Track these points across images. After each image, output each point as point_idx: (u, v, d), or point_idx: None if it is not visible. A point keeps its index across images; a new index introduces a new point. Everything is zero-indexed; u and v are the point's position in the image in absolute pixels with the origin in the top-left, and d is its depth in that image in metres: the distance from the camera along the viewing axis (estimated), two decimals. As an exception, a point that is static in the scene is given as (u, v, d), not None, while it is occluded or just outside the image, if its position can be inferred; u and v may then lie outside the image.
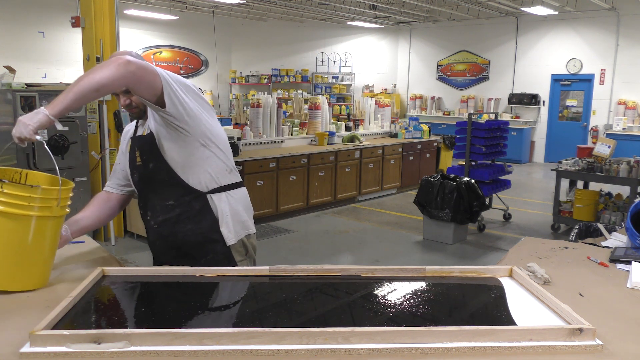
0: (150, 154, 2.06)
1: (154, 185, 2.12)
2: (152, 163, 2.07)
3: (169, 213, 2.11)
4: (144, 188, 2.16)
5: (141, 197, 2.20)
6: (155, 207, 2.14)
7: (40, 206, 1.70)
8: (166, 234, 2.14)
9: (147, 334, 1.38)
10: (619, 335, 1.52)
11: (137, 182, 2.17)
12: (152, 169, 2.07)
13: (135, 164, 2.12)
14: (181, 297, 1.83)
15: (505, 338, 1.43)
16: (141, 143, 2.09)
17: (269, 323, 1.58)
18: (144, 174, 2.11)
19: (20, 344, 1.38)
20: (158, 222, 2.14)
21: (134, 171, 2.14)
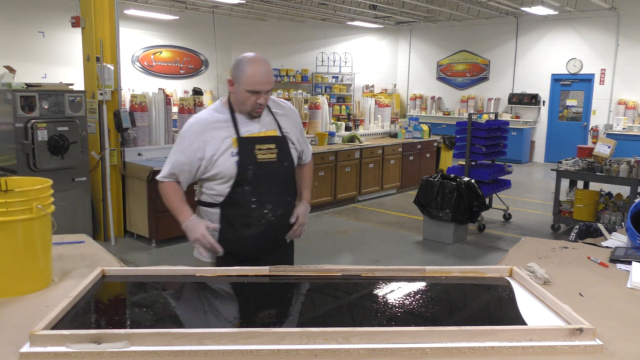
0: (286, 153, 2.32)
1: (281, 182, 2.31)
2: (286, 162, 2.31)
3: (287, 208, 2.34)
4: (269, 184, 2.28)
5: (261, 191, 2.26)
6: (277, 201, 2.30)
7: (21, 209, 1.69)
8: (278, 226, 2.33)
9: (147, 334, 1.38)
10: (619, 335, 1.52)
11: (258, 177, 2.24)
12: (286, 167, 2.31)
13: (256, 161, 2.23)
14: (181, 297, 1.83)
15: (505, 338, 1.43)
16: (279, 142, 2.30)
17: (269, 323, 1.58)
18: (276, 170, 2.28)
19: (20, 344, 1.38)
20: (277, 215, 2.30)
21: (249, 168, 2.22)
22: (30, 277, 1.78)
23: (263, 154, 2.25)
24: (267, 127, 2.31)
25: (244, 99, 2.21)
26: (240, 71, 2.22)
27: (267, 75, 2.21)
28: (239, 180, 2.22)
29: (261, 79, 2.19)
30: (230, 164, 2.22)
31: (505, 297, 1.87)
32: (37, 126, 5.04)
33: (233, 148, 2.22)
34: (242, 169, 2.22)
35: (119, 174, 5.88)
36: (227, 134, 2.24)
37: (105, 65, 5.58)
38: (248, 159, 2.22)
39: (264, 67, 2.21)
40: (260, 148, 2.25)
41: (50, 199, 1.81)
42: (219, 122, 2.27)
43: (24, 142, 5.02)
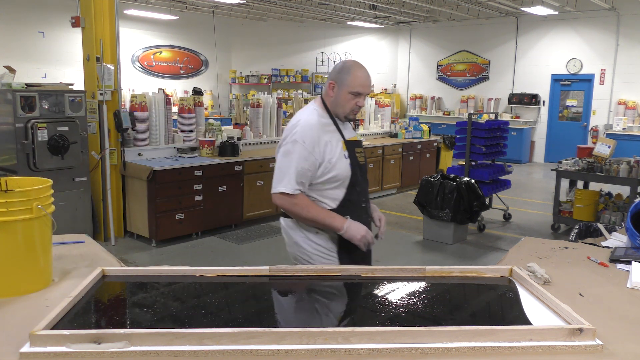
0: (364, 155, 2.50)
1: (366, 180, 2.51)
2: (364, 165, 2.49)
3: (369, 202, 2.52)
4: (365, 184, 2.48)
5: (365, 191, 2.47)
6: (368, 197, 2.51)
7: (21, 209, 1.69)
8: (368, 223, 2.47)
9: (147, 334, 1.38)
10: (619, 335, 1.52)
11: (358, 178, 2.39)
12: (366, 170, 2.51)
13: (359, 162, 2.40)
14: (181, 297, 1.83)
15: (505, 338, 1.43)
16: (362, 146, 2.51)
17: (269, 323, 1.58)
18: (366, 171, 2.51)
19: (20, 344, 1.38)
20: (368, 208, 2.49)
21: (357, 169, 2.37)
22: (30, 277, 1.78)
23: (359, 157, 2.42)
24: (353, 133, 2.49)
25: (344, 102, 2.31)
26: (345, 74, 2.30)
27: (369, 79, 2.34)
28: (353, 182, 2.35)
29: (366, 82, 2.31)
30: (345, 166, 2.32)
31: (505, 297, 1.87)
32: (37, 126, 5.04)
33: (344, 151, 2.34)
34: (354, 171, 2.35)
35: (119, 174, 5.89)
36: (337, 137, 2.35)
37: (105, 65, 5.58)
38: (355, 161, 2.37)
39: (367, 71, 2.33)
40: (357, 151, 2.42)
41: (50, 199, 1.81)
42: (327, 126, 2.35)
43: (24, 142, 5.02)
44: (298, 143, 2.25)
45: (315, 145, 2.26)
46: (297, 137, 2.26)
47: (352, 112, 2.34)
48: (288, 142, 2.28)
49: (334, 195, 2.32)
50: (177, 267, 1.98)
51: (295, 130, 2.28)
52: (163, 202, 5.67)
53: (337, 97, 2.32)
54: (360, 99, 2.32)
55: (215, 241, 6.05)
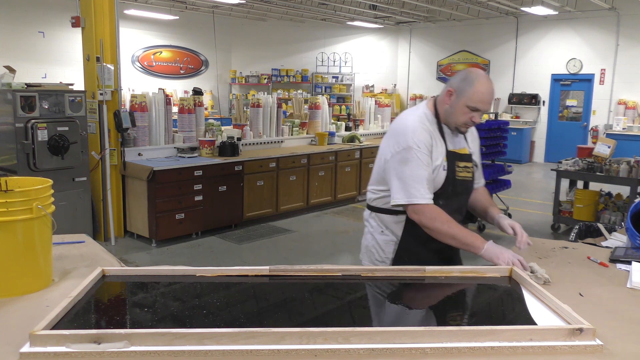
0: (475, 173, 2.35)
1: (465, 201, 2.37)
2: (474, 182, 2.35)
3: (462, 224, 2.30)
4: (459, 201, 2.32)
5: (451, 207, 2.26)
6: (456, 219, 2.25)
7: (21, 209, 1.69)
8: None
9: (147, 334, 1.38)
10: (619, 335, 1.52)
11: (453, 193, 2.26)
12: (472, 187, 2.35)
13: (455, 177, 2.23)
14: (181, 297, 1.83)
15: (505, 338, 1.43)
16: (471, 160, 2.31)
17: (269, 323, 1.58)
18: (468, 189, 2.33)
19: (20, 344, 1.38)
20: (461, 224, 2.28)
21: (449, 184, 2.22)
22: (30, 277, 1.78)
23: (460, 171, 2.24)
24: (462, 144, 2.30)
25: (459, 114, 2.15)
26: (468, 85, 2.12)
27: (492, 96, 2.16)
28: (438, 194, 2.19)
29: (487, 98, 2.12)
30: (441, 178, 2.20)
31: (505, 297, 1.87)
32: (37, 126, 5.04)
33: (444, 162, 2.20)
34: (446, 184, 2.21)
35: (119, 174, 5.89)
36: (441, 146, 2.21)
37: (105, 65, 5.58)
38: (451, 175, 2.21)
39: (491, 87, 2.15)
40: (459, 165, 2.24)
41: (50, 199, 1.81)
42: (435, 133, 2.21)
43: (24, 142, 5.02)
44: (413, 149, 2.13)
45: (429, 150, 2.17)
46: (411, 142, 2.14)
47: (465, 125, 2.18)
48: (402, 149, 2.15)
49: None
50: (177, 267, 1.98)
51: (407, 136, 2.15)
52: (163, 202, 5.67)
53: (452, 107, 2.16)
54: (477, 115, 2.14)
55: (215, 241, 6.05)
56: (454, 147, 2.26)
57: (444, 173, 2.19)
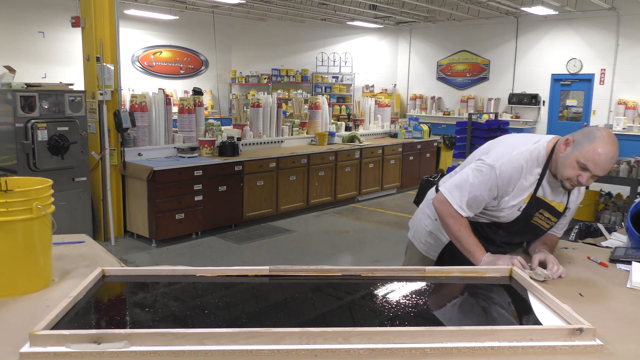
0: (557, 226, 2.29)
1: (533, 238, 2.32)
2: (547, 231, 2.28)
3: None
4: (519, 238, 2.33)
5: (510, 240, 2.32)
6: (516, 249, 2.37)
7: (21, 209, 1.69)
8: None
9: (147, 334, 1.38)
10: (619, 335, 1.52)
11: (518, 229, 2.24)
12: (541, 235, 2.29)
13: (530, 220, 2.20)
14: (181, 297, 1.83)
15: (505, 338, 1.43)
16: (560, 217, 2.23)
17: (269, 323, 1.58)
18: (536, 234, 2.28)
19: (20, 344, 1.38)
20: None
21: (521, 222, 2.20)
22: (30, 277, 1.78)
23: (540, 219, 2.20)
24: (560, 199, 2.20)
25: (569, 166, 2.03)
26: (588, 140, 2.00)
27: (609, 162, 1.98)
28: (503, 226, 2.23)
29: (602, 161, 1.96)
30: (510, 216, 2.18)
31: (505, 297, 1.87)
32: (37, 126, 5.04)
33: (523, 204, 2.15)
34: (515, 222, 2.20)
35: (119, 174, 5.89)
36: (529, 190, 2.14)
37: (105, 65, 5.58)
38: (526, 216, 2.17)
39: (612, 153, 1.97)
40: (542, 213, 2.18)
41: (50, 199, 1.81)
42: (531, 176, 2.13)
43: (24, 142, 5.02)
44: (494, 171, 2.09)
45: (507, 185, 2.11)
46: (498, 165, 2.10)
47: (569, 181, 2.05)
48: (488, 164, 2.11)
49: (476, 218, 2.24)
50: (177, 267, 1.98)
51: (503, 158, 2.10)
52: (163, 202, 5.67)
53: (565, 157, 2.05)
54: (585, 175, 1.99)
55: (215, 241, 6.05)
56: (547, 197, 2.17)
57: (517, 213, 2.17)
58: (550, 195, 2.17)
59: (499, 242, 2.31)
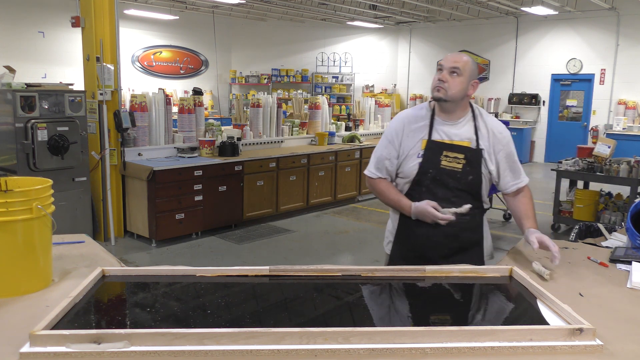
0: (475, 167, 2.27)
1: (462, 193, 2.29)
2: (472, 176, 2.28)
3: (462, 218, 2.25)
4: (447, 191, 2.28)
5: (437, 196, 2.27)
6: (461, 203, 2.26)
7: (21, 209, 1.69)
8: (452, 236, 2.30)
9: (147, 334, 1.38)
10: (619, 335, 1.52)
11: (436, 181, 2.27)
12: (470, 180, 2.28)
13: (439, 165, 2.25)
14: (181, 297, 1.83)
15: (505, 338, 1.43)
16: (470, 154, 2.27)
17: (269, 323, 1.58)
18: (458, 180, 2.27)
19: (20, 344, 1.38)
20: (450, 222, 2.23)
21: (431, 171, 2.26)
22: (30, 277, 1.78)
23: (448, 161, 2.26)
24: (463, 137, 2.29)
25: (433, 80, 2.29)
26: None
27: (457, 56, 2.25)
28: (417, 180, 2.28)
29: (450, 56, 2.25)
30: (414, 164, 2.27)
31: (505, 297, 1.87)
32: (37, 126, 5.05)
33: (421, 149, 2.27)
34: (423, 170, 2.26)
35: (119, 174, 5.89)
36: (421, 134, 2.29)
37: (105, 65, 5.58)
38: (431, 163, 2.25)
39: (460, 54, 2.28)
40: (447, 155, 2.26)
41: (50, 199, 1.81)
42: (420, 120, 2.32)
43: (24, 142, 5.02)
44: (384, 132, 2.40)
45: (394, 136, 2.34)
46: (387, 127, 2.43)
47: (435, 89, 2.25)
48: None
49: (401, 186, 2.36)
50: (177, 267, 1.98)
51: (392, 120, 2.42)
52: (163, 202, 5.67)
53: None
54: (442, 74, 2.23)
55: (215, 241, 6.05)
56: (446, 138, 2.28)
57: (418, 160, 2.27)
58: (449, 136, 2.29)
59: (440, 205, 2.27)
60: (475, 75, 2.30)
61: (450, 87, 2.22)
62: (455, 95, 2.23)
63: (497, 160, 2.33)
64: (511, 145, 2.37)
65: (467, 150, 2.27)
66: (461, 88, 2.23)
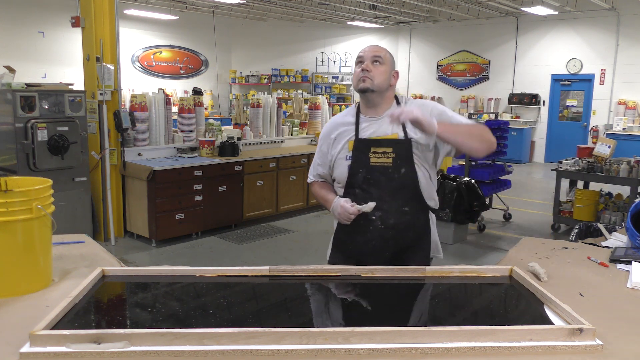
0: (406, 159, 2.15)
1: (395, 189, 2.16)
2: (404, 169, 2.15)
3: (401, 219, 2.18)
4: (381, 189, 2.16)
5: (372, 196, 2.16)
6: (389, 209, 2.17)
7: (21, 209, 1.69)
8: (390, 238, 2.19)
9: (147, 334, 1.38)
10: (619, 335, 1.52)
11: (368, 181, 2.17)
12: (403, 174, 2.15)
13: (368, 163, 2.16)
14: (181, 297, 1.83)
15: (505, 338, 1.43)
16: (399, 146, 2.15)
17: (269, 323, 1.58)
18: (390, 176, 2.15)
19: (20, 344, 1.38)
20: (387, 224, 2.17)
21: (361, 171, 2.17)
22: (30, 277, 1.78)
23: (377, 157, 2.15)
24: (389, 131, 2.18)
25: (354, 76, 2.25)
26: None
27: (375, 47, 2.25)
28: (350, 183, 2.20)
29: (368, 48, 2.25)
30: (344, 167, 2.22)
31: (505, 297, 1.87)
32: (37, 126, 5.04)
33: (348, 152, 2.21)
34: (353, 172, 2.18)
35: (119, 174, 5.89)
36: (347, 137, 2.24)
37: (105, 65, 5.58)
38: (360, 162, 2.17)
39: (376, 45, 2.30)
40: (375, 151, 2.16)
41: (50, 199, 1.81)
42: (346, 124, 2.27)
43: (24, 142, 5.02)
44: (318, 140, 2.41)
45: (322, 143, 2.35)
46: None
47: (360, 80, 2.17)
48: None
49: (338, 192, 2.30)
50: (177, 267, 1.98)
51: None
52: (163, 202, 5.67)
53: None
54: (365, 64, 2.19)
55: (215, 241, 6.05)
56: (373, 135, 2.19)
57: (347, 162, 2.20)
58: (376, 132, 2.20)
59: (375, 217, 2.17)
60: (394, 65, 2.30)
61: (375, 76, 2.17)
62: (381, 85, 2.19)
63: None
64: (438, 107, 2.25)
65: (395, 143, 2.16)
66: (385, 77, 2.20)
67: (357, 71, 2.21)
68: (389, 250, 2.21)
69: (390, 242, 2.19)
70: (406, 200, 2.17)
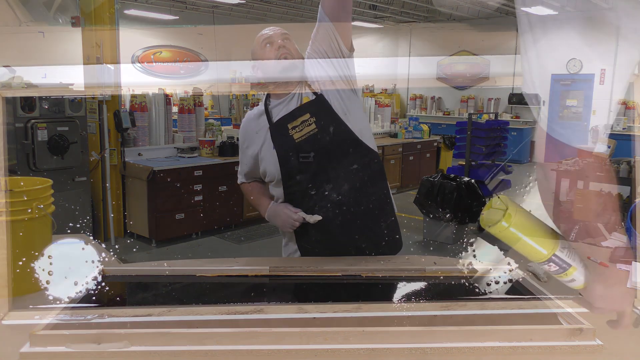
0: (329, 114, 1.91)
1: (334, 153, 1.92)
2: (332, 126, 1.91)
3: (354, 177, 1.95)
4: (319, 161, 1.91)
5: (315, 175, 1.92)
6: (338, 177, 1.93)
7: (21, 209, 1.69)
8: (351, 203, 1.96)
9: (147, 334, 1.38)
10: (619, 335, 1.52)
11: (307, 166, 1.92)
12: (333, 131, 1.91)
13: (294, 142, 1.91)
14: (181, 297, 1.83)
15: (505, 338, 1.43)
16: (313, 106, 1.92)
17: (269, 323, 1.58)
18: (321, 141, 1.90)
19: (20, 344, 1.38)
20: (342, 191, 1.93)
21: (291, 153, 1.92)
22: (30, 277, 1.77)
23: (299, 130, 1.91)
24: (299, 100, 1.96)
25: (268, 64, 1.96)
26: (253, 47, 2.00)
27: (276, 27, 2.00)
28: (287, 173, 1.94)
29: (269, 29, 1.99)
30: (273, 159, 1.96)
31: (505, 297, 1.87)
32: (37, 126, 5.04)
33: (270, 141, 1.97)
34: (284, 159, 1.93)
35: (119, 174, 5.88)
36: (264, 130, 2.00)
37: (105, 66, 5.58)
38: (286, 145, 1.92)
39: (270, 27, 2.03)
40: (294, 126, 1.92)
41: (50, 199, 1.81)
42: (257, 118, 2.08)
43: (24, 142, 5.02)
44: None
45: (242, 143, 2.14)
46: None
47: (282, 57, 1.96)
48: None
49: (278, 195, 2.02)
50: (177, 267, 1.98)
51: None
52: (163, 202, 5.67)
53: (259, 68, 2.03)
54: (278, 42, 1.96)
55: (215, 241, 6.05)
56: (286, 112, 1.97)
57: (274, 152, 1.95)
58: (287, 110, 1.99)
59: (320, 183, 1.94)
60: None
61: (292, 50, 1.98)
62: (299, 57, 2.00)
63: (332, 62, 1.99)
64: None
65: (308, 106, 1.93)
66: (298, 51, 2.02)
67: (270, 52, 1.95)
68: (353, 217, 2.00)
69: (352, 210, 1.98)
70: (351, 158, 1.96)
